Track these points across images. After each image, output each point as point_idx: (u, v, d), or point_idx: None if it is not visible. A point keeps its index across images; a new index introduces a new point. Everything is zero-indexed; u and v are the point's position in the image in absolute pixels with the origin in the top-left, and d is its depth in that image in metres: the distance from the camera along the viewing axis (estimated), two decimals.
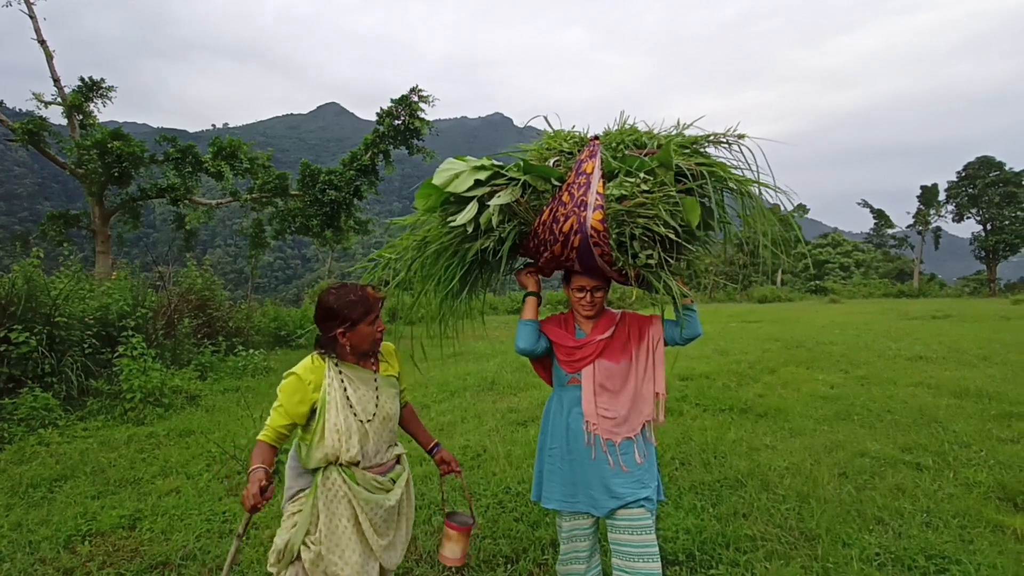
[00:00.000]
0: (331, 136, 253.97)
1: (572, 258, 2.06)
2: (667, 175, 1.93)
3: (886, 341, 10.27)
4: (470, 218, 2.05)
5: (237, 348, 9.27)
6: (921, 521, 3.15)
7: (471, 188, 2.07)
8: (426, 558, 2.99)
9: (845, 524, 3.12)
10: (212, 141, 13.36)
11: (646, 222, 1.90)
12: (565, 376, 2.29)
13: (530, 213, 2.07)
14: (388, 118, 14.00)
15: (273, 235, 14.93)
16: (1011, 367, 7.28)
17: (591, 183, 1.95)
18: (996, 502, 3.36)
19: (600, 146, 2.11)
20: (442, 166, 2.16)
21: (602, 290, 2.23)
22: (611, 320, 2.29)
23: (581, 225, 1.94)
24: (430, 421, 5.63)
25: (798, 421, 5.16)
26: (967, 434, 4.56)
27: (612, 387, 2.21)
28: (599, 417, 2.19)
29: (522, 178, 2.06)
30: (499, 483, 3.90)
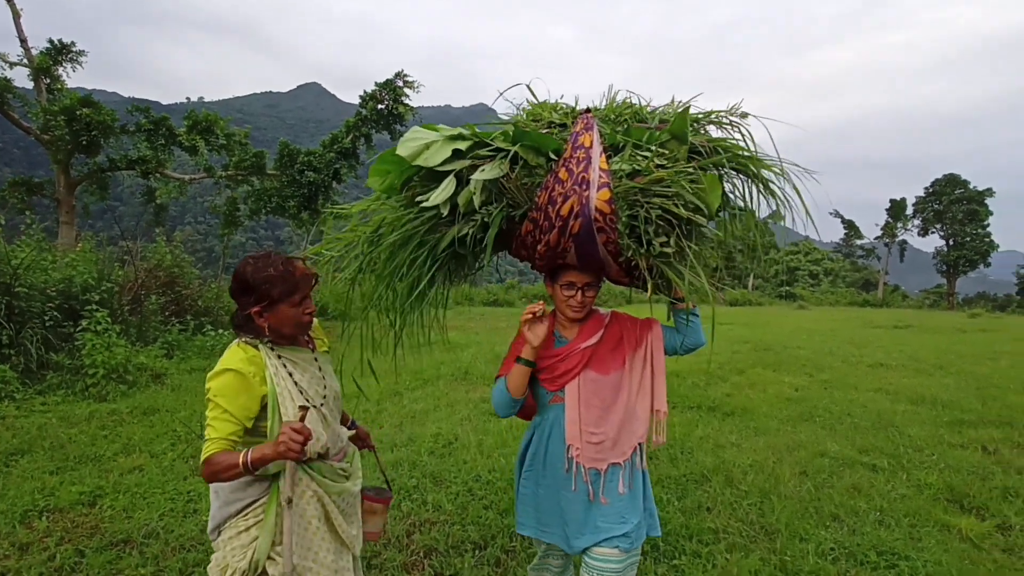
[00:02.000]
0: (311, 117, 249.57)
1: (568, 247, 1.70)
2: (680, 150, 1.66)
3: (850, 348, 10.57)
4: (446, 197, 1.66)
5: (206, 327, 9.08)
6: (874, 519, 3.28)
7: (447, 161, 1.69)
8: (394, 542, 2.99)
9: (803, 520, 3.23)
10: (187, 114, 13.00)
11: (663, 202, 1.58)
12: (547, 395, 1.94)
13: (521, 192, 1.70)
14: (372, 102, 13.82)
15: (248, 214, 14.63)
16: (964, 377, 7.58)
17: (591, 158, 1.62)
18: (944, 503, 3.51)
19: (595, 119, 1.79)
20: (407, 135, 1.77)
21: (594, 288, 1.89)
22: (599, 323, 1.95)
23: (583, 206, 1.59)
24: (403, 408, 5.63)
25: (763, 421, 5.30)
26: (921, 438, 4.74)
27: (600, 403, 1.88)
28: (584, 442, 1.86)
29: (512, 149, 1.69)
30: (469, 471, 3.93)
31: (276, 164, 13.89)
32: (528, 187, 1.70)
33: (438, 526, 3.17)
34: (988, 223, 39.02)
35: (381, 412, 5.46)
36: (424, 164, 1.70)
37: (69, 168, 12.51)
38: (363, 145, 14.07)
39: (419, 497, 3.53)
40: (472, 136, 1.76)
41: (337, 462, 1.78)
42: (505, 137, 1.75)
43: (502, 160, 1.68)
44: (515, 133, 1.72)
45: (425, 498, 3.51)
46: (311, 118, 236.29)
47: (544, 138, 1.71)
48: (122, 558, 2.86)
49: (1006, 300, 39.51)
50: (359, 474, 1.90)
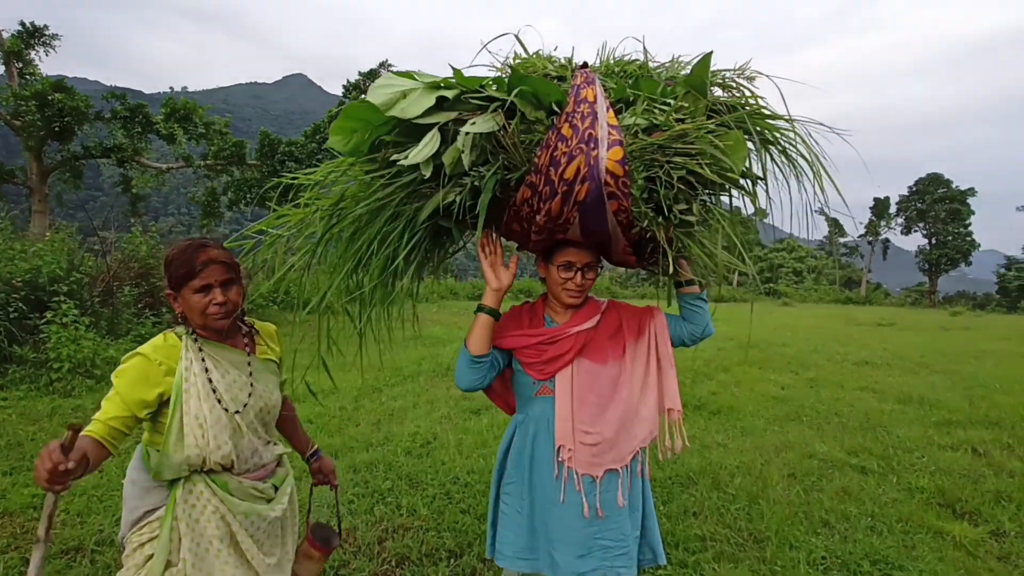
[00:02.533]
0: (296, 108, 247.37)
1: (572, 218, 1.46)
2: (700, 105, 1.44)
3: (835, 345, 10.54)
4: (429, 155, 1.39)
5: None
6: (866, 525, 3.17)
7: (429, 112, 1.41)
8: (364, 550, 2.83)
9: (793, 526, 3.11)
10: (165, 102, 12.65)
11: (686, 161, 1.36)
12: (532, 386, 1.71)
13: (519, 150, 1.42)
14: (355, 91, 13.56)
15: (228, 205, 14.31)
16: (950, 376, 7.55)
17: (597, 113, 1.38)
18: (937, 508, 3.41)
19: (596, 74, 1.57)
20: (379, 80, 1.50)
21: (594, 269, 1.68)
22: (595, 308, 1.74)
23: (591, 168, 1.35)
24: (380, 406, 5.45)
25: (750, 420, 5.19)
26: (910, 439, 4.66)
27: (597, 398, 1.65)
28: (577, 443, 1.62)
29: (507, 99, 1.42)
30: (447, 472, 3.77)
31: (257, 154, 13.59)
32: (526, 145, 1.43)
33: (412, 532, 3.01)
34: (970, 222, 39.54)
35: (359, 409, 5.28)
36: (401, 116, 1.41)
37: (42, 155, 12.13)
38: None
39: (393, 501, 3.36)
40: (459, 83, 1.47)
41: (251, 480, 1.58)
42: (500, 85, 1.48)
43: (495, 113, 1.41)
44: (512, 78, 1.45)
45: (399, 502, 3.34)
46: (296, 109, 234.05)
47: (547, 85, 1.45)
48: (72, 567, 2.66)
49: (985, 299, 40.07)
50: (285, 501, 1.68)
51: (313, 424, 4.76)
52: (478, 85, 1.48)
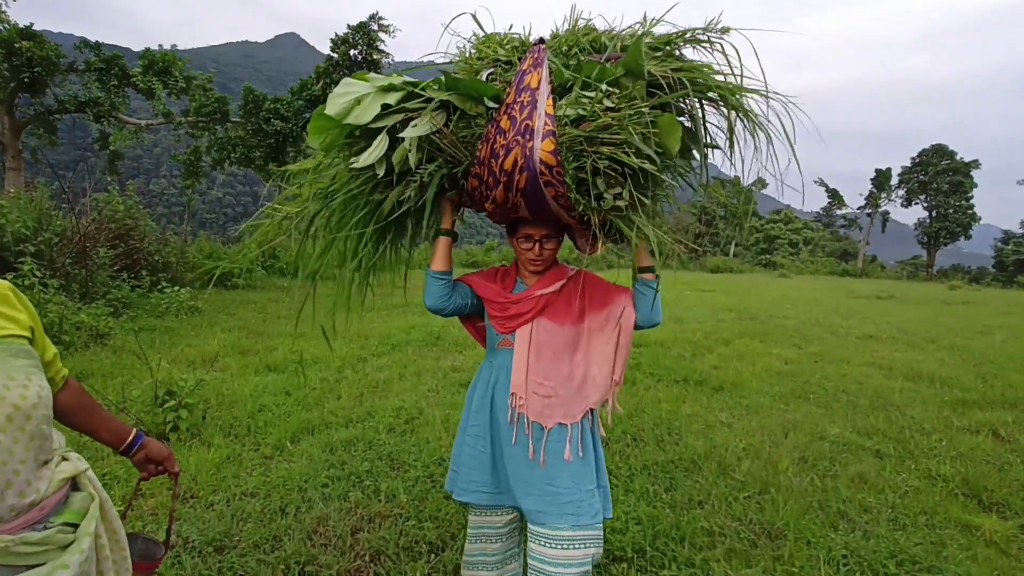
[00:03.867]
0: (289, 69, 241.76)
1: (518, 203, 1.59)
2: (637, 86, 1.47)
3: (836, 318, 10.29)
4: (378, 157, 1.53)
5: (162, 284, 8.45)
6: (887, 518, 2.90)
7: (378, 117, 1.52)
8: (335, 543, 2.54)
9: (808, 519, 2.84)
10: (143, 54, 11.98)
11: (612, 151, 1.43)
12: (496, 336, 1.85)
13: (459, 148, 1.56)
14: (343, 46, 12.88)
15: (211, 164, 13.73)
16: (959, 352, 7.30)
17: (537, 102, 1.46)
18: (962, 499, 3.15)
19: (547, 52, 1.59)
20: (338, 89, 1.61)
21: (553, 240, 1.77)
22: (561, 274, 1.84)
23: (527, 159, 1.45)
24: (365, 377, 5.13)
25: (754, 397, 4.92)
26: (926, 420, 4.40)
27: (552, 355, 1.76)
28: (529, 392, 1.74)
29: (445, 98, 1.53)
30: (432, 452, 3.47)
31: (241, 111, 12.96)
32: (468, 140, 1.56)
33: (390, 521, 2.72)
34: (972, 196, 39.11)
35: (341, 381, 4.96)
36: (355, 123, 1.53)
37: (13, 109, 11.50)
38: None
39: (371, 484, 3.07)
40: (404, 86, 1.58)
41: (14, 532, 1.01)
42: (440, 85, 1.57)
43: (435, 112, 1.53)
44: (447, 81, 1.55)
45: (378, 486, 3.05)
46: (289, 70, 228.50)
47: (479, 84, 1.54)
48: None
49: (980, 273, 40.00)
50: (87, 545, 1.11)
51: (291, 396, 4.45)
52: (420, 88, 1.56)
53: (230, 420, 3.87)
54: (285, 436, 3.63)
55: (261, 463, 3.30)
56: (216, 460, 3.26)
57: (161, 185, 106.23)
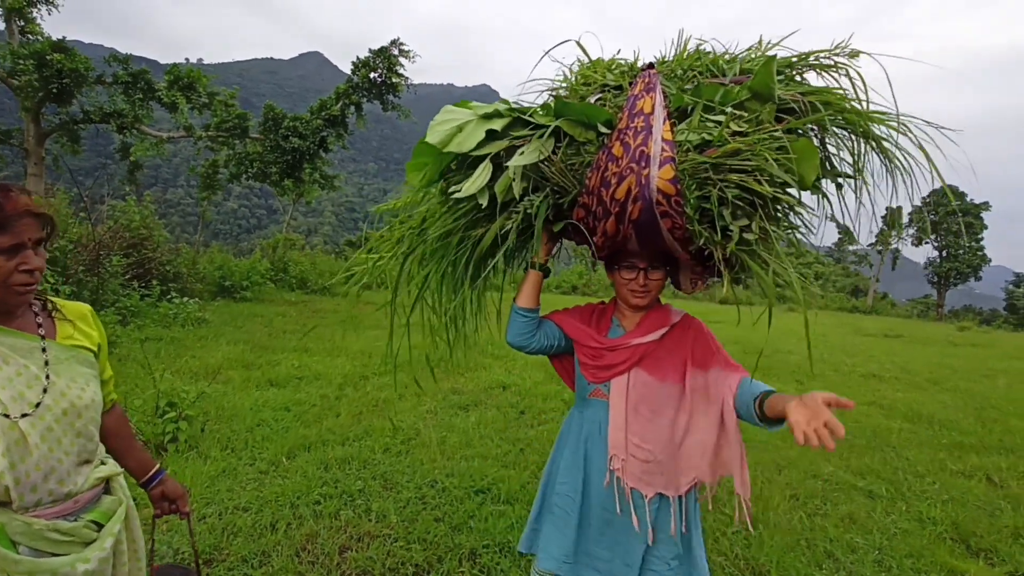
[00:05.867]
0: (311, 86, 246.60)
1: (629, 235, 1.46)
2: (766, 110, 1.35)
3: (841, 356, 10.25)
4: (481, 186, 1.44)
5: (172, 294, 8.60)
6: (873, 559, 2.91)
7: (482, 144, 1.45)
8: (322, 561, 2.58)
9: (795, 557, 2.85)
10: (169, 69, 12.34)
11: (741, 178, 1.29)
12: (588, 386, 1.69)
13: (568, 176, 1.45)
14: (364, 69, 13.21)
15: (228, 178, 14.02)
16: (960, 395, 7.25)
17: (652, 127, 1.35)
18: (950, 543, 3.15)
19: (659, 76, 1.49)
20: (437, 117, 1.53)
21: (660, 270, 1.61)
22: (663, 319, 1.65)
23: (642, 187, 1.33)
24: (364, 396, 5.19)
25: (750, 432, 4.91)
26: (920, 462, 4.39)
27: (649, 412, 1.59)
28: (628, 455, 1.57)
29: (553, 125, 1.44)
30: (425, 474, 3.51)
31: (260, 128, 13.27)
32: (577, 168, 1.45)
33: (378, 541, 2.76)
34: (982, 237, 38.92)
35: (340, 399, 5.03)
36: (457, 150, 1.46)
37: (39, 117, 11.85)
38: (353, 113, 13.47)
39: (363, 504, 3.11)
40: (508, 112, 1.51)
41: (47, 518, 1.14)
42: (547, 111, 1.50)
43: (543, 139, 1.43)
44: (556, 106, 1.46)
45: (369, 505, 3.09)
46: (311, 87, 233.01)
47: (591, 109, 1.44)
48: None
49: (992, 315, 39.57)
50: (109, 545, 1.23)
51: (290, 412, 4.52)
52: (526, 113, 1.50)
53: (228, 433, 3.94)
54: (281, 452, 3.69)
55: (256, 478, 3.36)
56: (211, 473, 3.32)
57: (178, 195, 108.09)
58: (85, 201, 8.39)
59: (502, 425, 4.59)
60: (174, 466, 3.39)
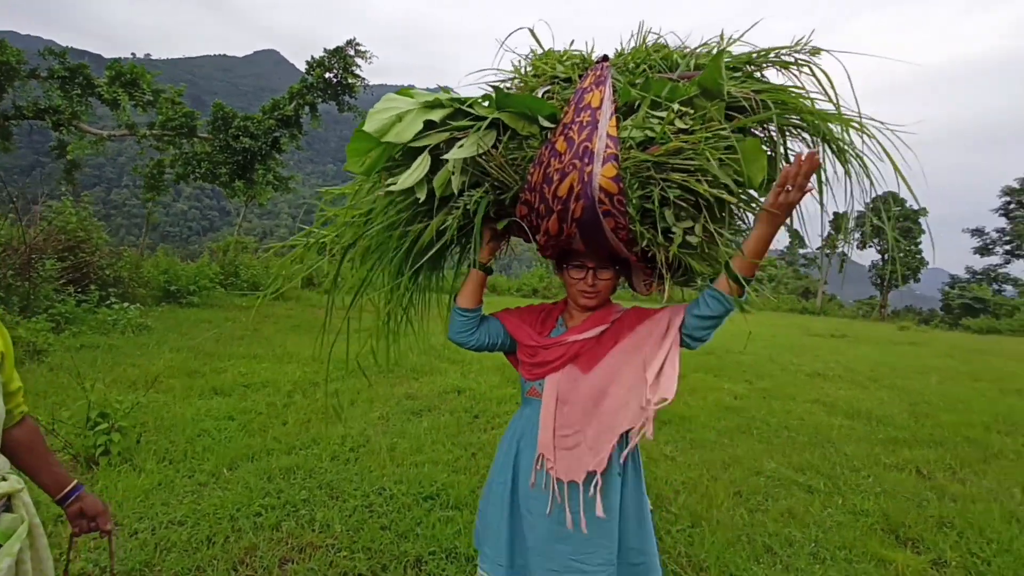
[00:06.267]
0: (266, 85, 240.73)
1: (573, 234, 1.42)
2: (714, 108, 1.30)
3: (789, 355, 10.61)
4: (419, 179, 1.38)
5: (111, 300, 8.23)
6: (809, 552, 3.01)
7: (421, 135, 1.39)
8: (261, 574, 2.51)
9: (735, 552, 2.92)
10: (110, 65, 11.82)
11: (684, 178, 1.25)
12: (525, 384, 1.68)
13: (508, 171, 1.40)
14: (319, 68, 12.97)
15: (175, 178, 13.52)
16: (897, 391, 7.60)
17: (598, 122, 1.30)
18: (881, 534, 3.28)
19: (611, 70, 1.44)
20: (378, 105, 1.47)
21: (609, 270, 1.57)
22: (606, 315, 1.61)
23: (585, 185, 1.29)
24: (314, 402, 5.08)
25: (700, 432, 5.04)
26: (857, 457, 4.57)
27: (579, 402, 1.55)
28: (556, 449, 1.52)
29: (491, 117, 1.38)
30: (373, 482, 3.46)
31: (209, 127, 12.85)
32: (519, 163, 1.40)
33: (321, 552, 2.70)
34: (920, 241, 41.01)
35: (289, 406, 4.90)
36: (395, 140, 1.40)
37: None
38: (307, 114, 13.20)
39: (307, 514, 3.04)
40: (449, 102, 1.44)
41: None
42: (488, 102, 1.43)
43: (483, 132, 1.37)
44: (497, 97, 1.40)
45: (313, 515, 3.02)
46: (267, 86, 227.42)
47: (533, 101, 1.39)
48: None
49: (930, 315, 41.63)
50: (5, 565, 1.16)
51: (234, 421, 4.38)
52: (467, 104, 1.43)
53: (166, 445, 3.79)
54: (223, 463, 3.57)
55: (194, 490, 3.24)
56: (146, 486, 3.19)
57: (123, 195, 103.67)
58: (15, 202, 7.94)
59: (455, 430, 4.56)
60: (105, 480, 3.25)
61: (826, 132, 1.34)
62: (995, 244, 44.27)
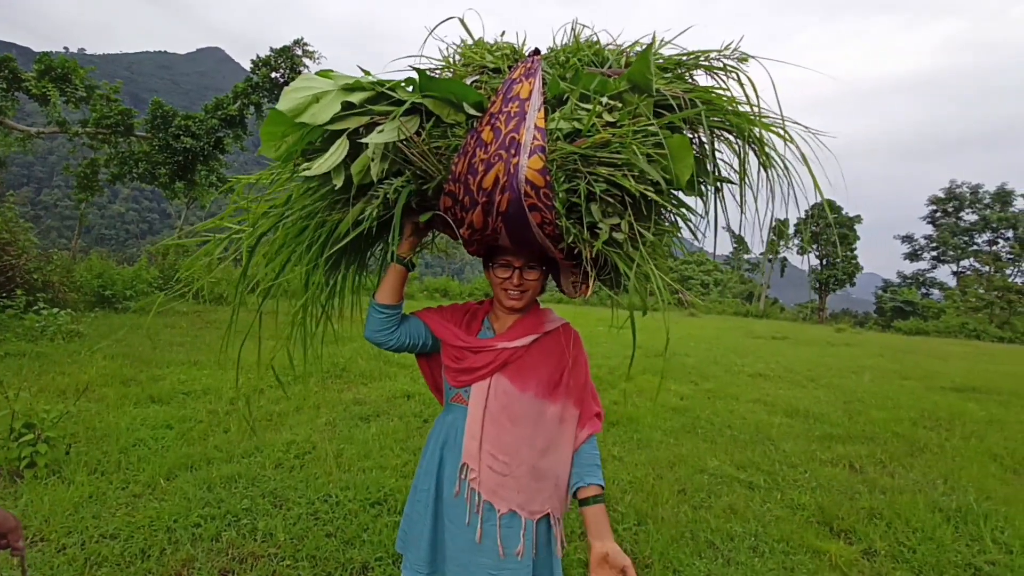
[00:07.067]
0: (211, 84, 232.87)
1: (499, 228, 1.35)
2: (643, 103, 1.28)
3: (733, 357, 10.97)
4: (335, 165, 1.31)
5: (40, 305, 7.77)
6: (749, 545, 3.12)
7: (339, 118, 1.31)
8: None
9: (679, 548, 3.00)
10: (39, 58, 11.18)
11: (610, 173, 1.22)
12: (450, 390, 1.60)
13: (431, 160, 1.32)
14: (265, 68, 12.63)
15: (110, 178, 12.88)
16: (833, 390, 7.98)
17: (526, 113, 1.26)
18: (816, 526, 3.44)
19: (541, 63, 1.41)
20: (294, 84, 1.38)
21: (536, 270, 1.53)
22: (538, 324, 1.57)
23: (511, 177, 1.24)
24: (258, 410, 4.93)
25: (647, 432, 5.15)
26: (795, 454, 4.77)
27: (509, 423, 1.49)
28: (482, 464, 1.48)
29: (410, 101, 1.31)
30: (318, 489, 3.38)
31: (148, 126, 12.31)
32: (443, 151, 1.32)
33: (263, 562, 2.62)
34: (856, 247, 43.24)
35: (231, 414, 4.74)
36: (311, 122, 1.30)
37: None
38: (252, 114, 12.83)
39: (248, 523, 2.94)
40: (371, 85, 1.35)
41: None
42: (413, 87, 1.35)
43: (405, 117, 1.30)
44: (420, 81, 1.31)
45: (256, 525, 2.93)
46: (211, 85, 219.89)
47: (459, 87, 1.32)
48: None
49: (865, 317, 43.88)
50: None
51: (173, 430, 4.20)
52: (389, 87, 1.34)
53: (98, 456, 3.60)
54: (159, 473, 3.42)
55: (128, 502, 3.09)
56: (75, 499, 3.02)
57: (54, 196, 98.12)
58: None
59: (404, 435, 4.51)
60: (30, 494, 3.06)
61: (751, 135, 1.34)
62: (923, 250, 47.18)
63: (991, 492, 4.07)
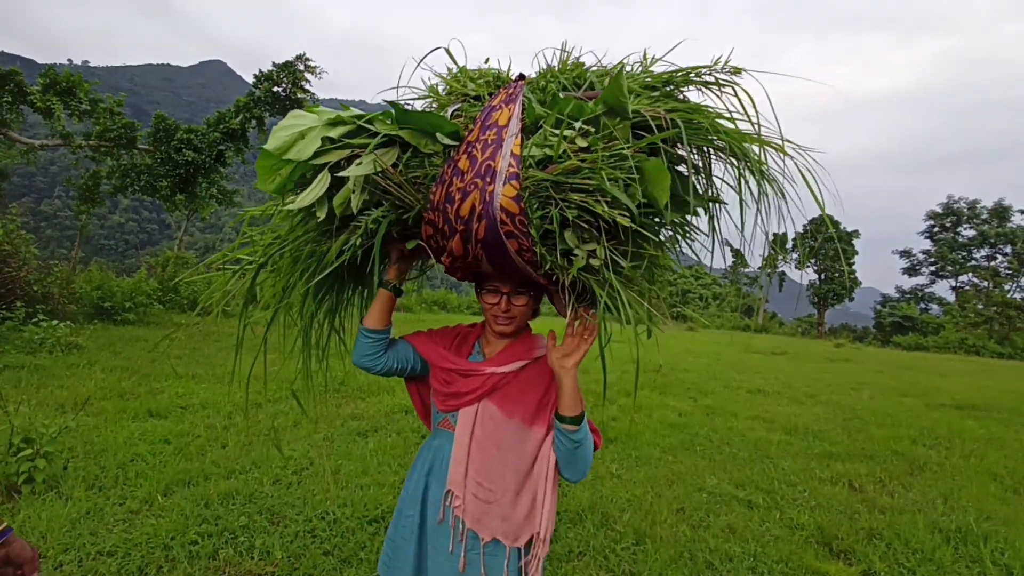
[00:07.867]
0: (213, 96, 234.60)
1: (480, 255, 1.36)
2: (619, 127, 1.28)
3: (732, 372, 10.96)
4: (317, 197, 1.35)
5: (39, 317, 7.77)
6: (748, 566, 3.10)
7: (322, 152, 1.36)
8: None
9: (677, 569, 2.99)
10: (44, 72, 11.28)
11: (582, 199, 1.22)
12: (437, 415, 1.61)
13: (408, 190, 1.35)
14: (267, 82, 12.75)
15: (111, 190, 12.93)
16: (832, 407, 7.97)
17: (503, 141, 1.27)
18: (815, 546, 3.42)
19: (524, 89, 1.41)
20: (283, 122, 1.44)
21: (524, 295, 1.52)
22: (527, 350, 1.56)
23: (486, 204, 1.25)
24: (257, 424, 4.92)
25: (645, 449, 5.14)
26: (794, 472, 4.76)
27: (497, 451, 1.48)
28: (467, 491, 1.47)
29: (383, 133, 1.35)
30: (316, 506, 3.37)
31: (150, 139, 12.39)
32: (420, 182, 1.36)
33: None
34: (854, 261, 43.35)
35: (229, 428, 4.73)
36: (296, 158, 1.36)
37: None
38: (254, 128, 12.92)
39: (246, 541, 2.93)
40: (351, 120, 1.40)
41: None
42: (391, 119, 1.38)
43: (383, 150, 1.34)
44: (396, 114, 1.35)
45: (253, 542, 2.92)
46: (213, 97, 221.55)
47: (434, 118, 1.34)
48: None
49: (864, 332, 43.89)
50: None
51: (171, 445, 4.19)
52: (367, 120, 1.40)
53: (96, 471, 3.60)
54: (157, 488, 3.41)
55: (125, 518, 3.08)
56: (73, 515, 3.01)
57: (54, 206, 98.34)
58: None
59: (401, 450, 4.50)
60: (28, 510, 3.05)
61: (743, 152, 1.32)
62: (922, 265, 47.25)
63: (991, 512, 4.06)
